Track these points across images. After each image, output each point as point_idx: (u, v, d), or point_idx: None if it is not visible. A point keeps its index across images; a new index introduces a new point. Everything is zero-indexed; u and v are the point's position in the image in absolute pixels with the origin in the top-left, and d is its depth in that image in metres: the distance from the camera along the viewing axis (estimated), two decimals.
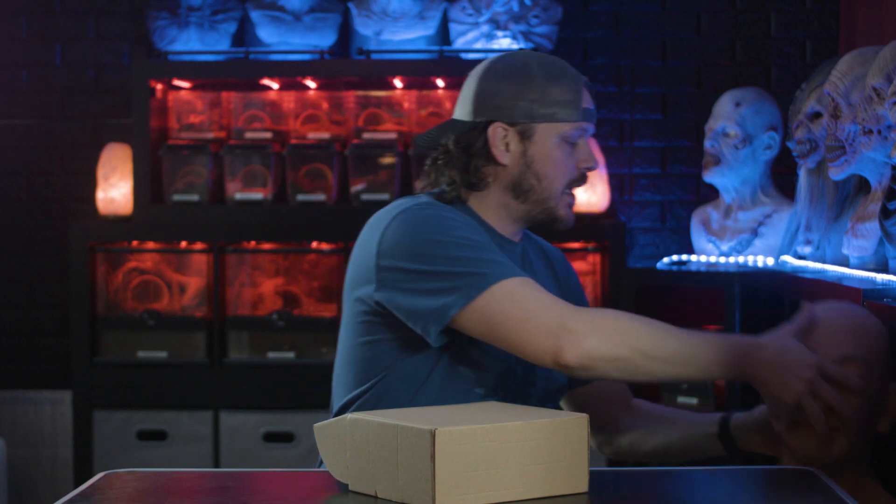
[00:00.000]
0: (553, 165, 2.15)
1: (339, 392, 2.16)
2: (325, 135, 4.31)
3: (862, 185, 2.94)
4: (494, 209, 2.18)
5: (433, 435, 1.65)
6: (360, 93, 4.33)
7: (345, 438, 1.80)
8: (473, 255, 2.00)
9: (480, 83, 2.18)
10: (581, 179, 2.18)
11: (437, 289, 1.99)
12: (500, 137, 2.16)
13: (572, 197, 2.19)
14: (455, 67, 4.21)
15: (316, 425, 1.86)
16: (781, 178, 4.03)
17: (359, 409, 2.09)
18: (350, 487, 1.80)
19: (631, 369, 1.95)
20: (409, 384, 2.08)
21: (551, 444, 1.73)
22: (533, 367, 2.12)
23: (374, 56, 4.22)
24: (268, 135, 4.31)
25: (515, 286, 1.98)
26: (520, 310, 1.96)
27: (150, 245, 4.24)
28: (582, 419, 1.77)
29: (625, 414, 2.34)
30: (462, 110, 2.20)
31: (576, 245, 4.16)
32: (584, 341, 1.93)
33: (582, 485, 1.76)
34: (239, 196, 4.22)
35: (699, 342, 1.96)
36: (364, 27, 4.28)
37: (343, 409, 2.12)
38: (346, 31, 4.36)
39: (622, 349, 1.94)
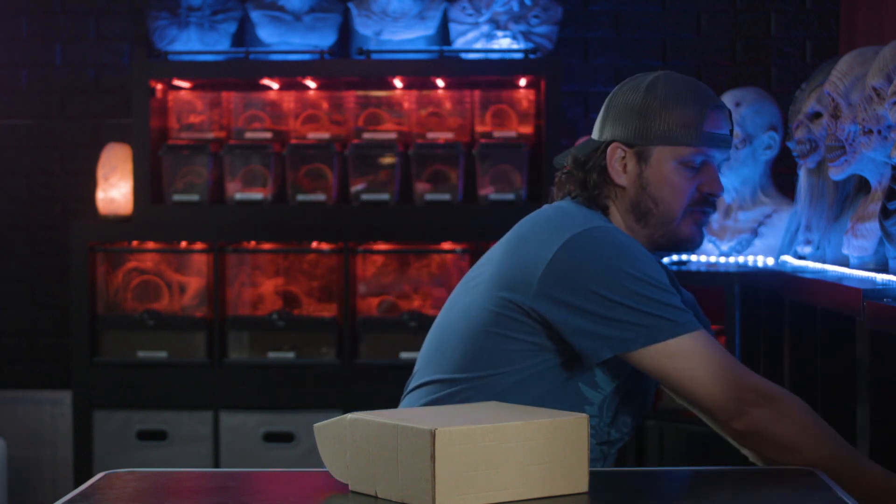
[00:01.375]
0: (669, 189, 2.12)
1: (439, 365, 2.13)
2: (325, 135, 4.30)
3: (862, 185, 2.94)
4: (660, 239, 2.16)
5: (433, 435, 1.65)
6: (360, 93, 4.33)
7: (345, 438, 1.80)
8: (665, 300, 2.01)
9: (610, 100, 2.18)
10: (704, 202, 2.13)
11: (622, 320, 1.99)
12: (619, 158, 2.14)
13: (702, 215, 2.14)
14: (455, 67, 4.21)
15: (316, 425, 1.86)
16: (781, 178, 4.03)
17: (462, 391, 2.07)
18: (350, 487, 1.80)
19: (786, 460, 1.98)
20: (527, 388, 2.06)
21: (551, 444, 1.73)
22: (635, 389, 2.12)
23: (374, 56, 4.22)
24: (268, 135, 4.31)
25: (702, 341, 2.00)
26: (705, 366, 1.99)
27: (150, 245, 4.24)
28: (582, 419, 1.77)
29: None
30: (595, 127, 2.21)
31: None
32: (764, 418, 1.97)
33: (582, 485, 1.76)
34: (239, 196, 4.22)
35: (863, 470, 1.96)
36: (364, 27, 4.28)
37: (439, 383, 2.11)
38: (346, 31, 4.36)
39: (794, 441, 1.96)
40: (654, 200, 2.12)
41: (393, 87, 4.33)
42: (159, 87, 4.27)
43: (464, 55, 4.24)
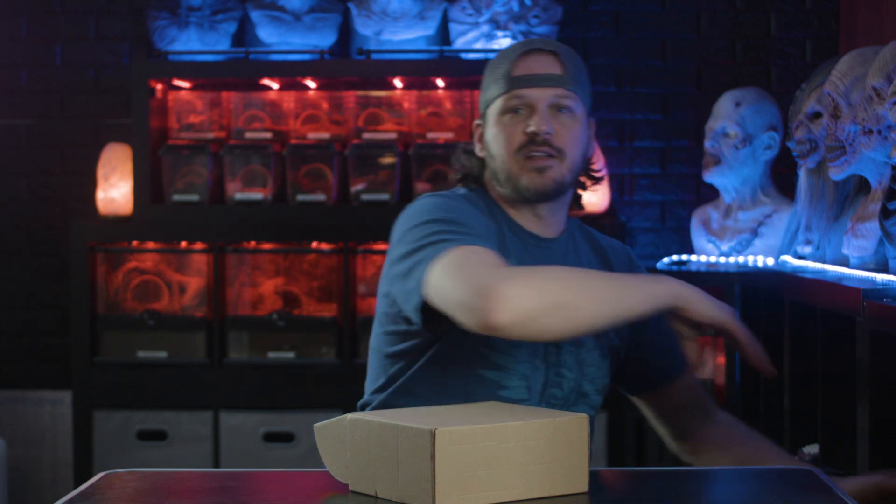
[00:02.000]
0: (497, 139, 2.12)
1: (369, 383, 2.17)
2: (325, 135, 4.30)
3: (862, 185, 2.94)
4: (508, 205, 2.16)
5: (433, 435, 1.65)
6: (360, 93, 4.33)
7: (345, 438, 1.80)
8: (442, 228, 1.95)
9: None
10: (530, 144, 2.08)
11: (410, 267, 1.95)
12: (477, 134, 2.19)
13: (537, 159, 2.08)
14: (455, 67, 4.21)
15: (316, 425, 1.86)
16: (781, 178, 4.03)
17: (384, 400, 2.10)
18: (350, 487, 1.80)
19: (564, 318, 1.85)
20: (430, 385, 2.07)
21: (551, 444, 1.73)
22: (560, 367, 2.10)
23: (374, 56, 4.22)
24: (268, 135, 4.31)
25: (467, 252, 1.90)
26: (460, 275, 1.87)
27: (150, 245, 4.24)
28: (582, 419, 1.77)
29: (708, 426, 2.28)
30: None
31: None
32: (512, 297, 1.82)
33: (582, 485, 1.76)
34: (239, 196, 4.22)
35: (627, 279, 1.97)
36: (364, 27, 4.28)
37: (371, 398, 2.14)
38: (346, 31, 4.36)
39: (551, 298, 1.84)
40: (492, 156, 2.14)
41: (393, 87, 4.32)
42: (159, 87, 4.27)
43: (464, 55, 4.24)
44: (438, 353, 2.06)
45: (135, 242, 4.24)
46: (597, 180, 2.21)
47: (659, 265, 4.01)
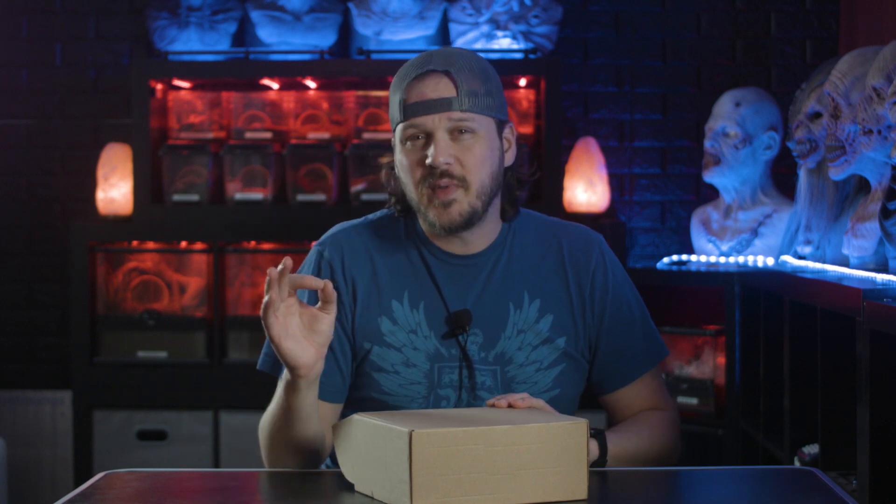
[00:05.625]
0: (402, 169, 2.07)
1: None
2: (325, 135, 4.30)
3: (862, 185, 2.94)
4: (423, 223, 2.12)
5: (410, 436, 1.64)
6: (360, 93, 4.33)
7: (351, 438, 1.80)
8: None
9: None
10: (431, 176, 2.02)
11: None
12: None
13: (443, 195, 2.02)
14: None
15: (333, 424, 1.86)
16: (781, 178, 4.03)
17: None
18: (356, 487, 1.80)
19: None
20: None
21: (544, 449, 1.70)
22: (476, 390, 2.06)
23: (374, 56, 4.22)
24: (268, 135, 4.31)
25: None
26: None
27: (150, 245, 4.24)
28: (580, 425, 1.74)
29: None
30: None
31: None
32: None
33: (581, 491, 1.73)
34: (239, 196, 4.22)
35: None
36: (364, 27, 4.28)
37: None
38: (346, 31, 4.36)
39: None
40: (402, 182, 2.09)
41: None
42: (159, 87, 4.27)
43: None
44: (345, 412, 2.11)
45: (135, 242, 4.24)
46: (525, 183, 2.15)
47: (659, 265, 4.01)
